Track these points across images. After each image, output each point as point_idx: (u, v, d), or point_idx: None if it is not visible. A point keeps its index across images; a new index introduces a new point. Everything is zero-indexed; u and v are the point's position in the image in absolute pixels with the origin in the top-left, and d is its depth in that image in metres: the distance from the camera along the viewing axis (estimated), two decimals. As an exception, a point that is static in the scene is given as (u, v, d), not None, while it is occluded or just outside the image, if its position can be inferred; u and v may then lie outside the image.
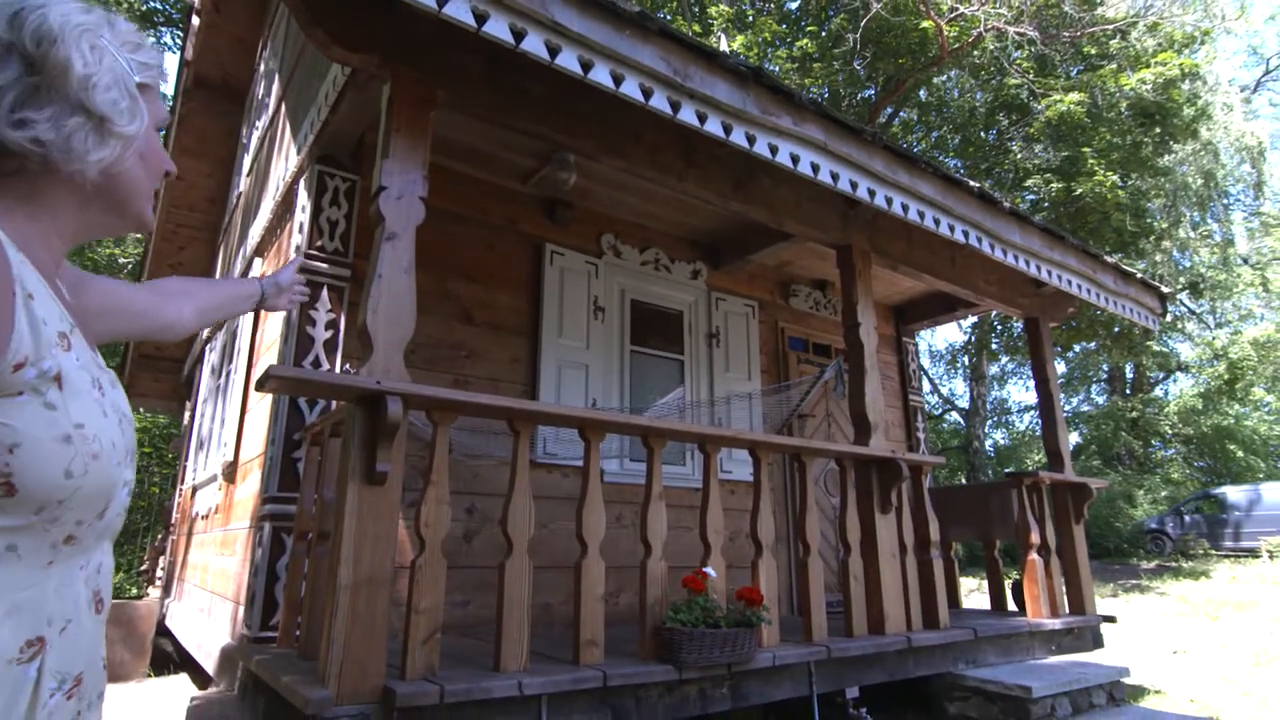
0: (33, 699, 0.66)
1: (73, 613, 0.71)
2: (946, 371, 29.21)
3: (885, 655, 3.64)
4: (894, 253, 4.48)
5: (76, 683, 0.72)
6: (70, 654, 0.71)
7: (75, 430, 0.67)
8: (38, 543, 0.67)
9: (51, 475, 0.65)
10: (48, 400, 0.66)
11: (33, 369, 0.64)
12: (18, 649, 0.64)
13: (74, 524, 0.70)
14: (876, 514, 3.88)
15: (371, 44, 2.63)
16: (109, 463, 0.72)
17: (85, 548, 0.73)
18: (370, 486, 2.30)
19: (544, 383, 4.15)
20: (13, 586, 0.65)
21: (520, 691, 2.37)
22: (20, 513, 0.65)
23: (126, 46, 0.78)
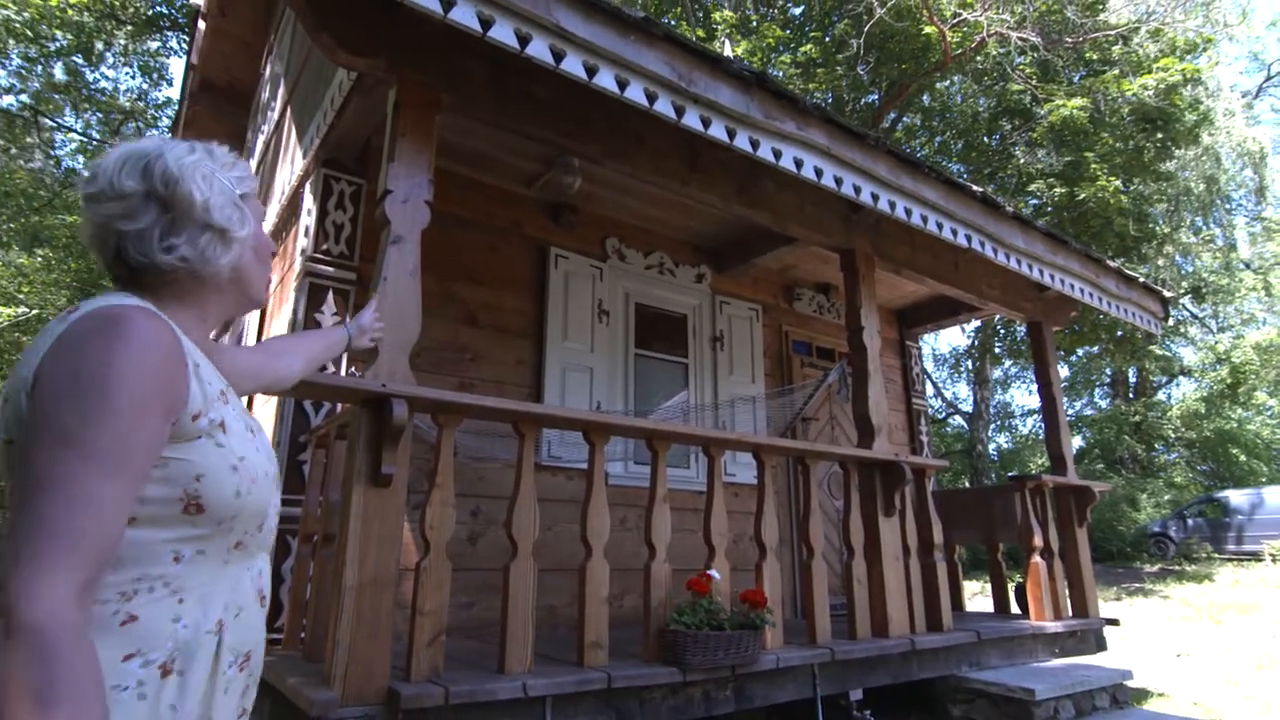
0: (214, 668, 0.87)
1: (244, 602, 0.93)
2: (950, 375, 29.22)
3: (889, 658, 3.64)
4: (897, 257, 4.49)
5: (246, 659, 0.93)
6: (242, 635, 0.92)
7: (239, 462, 0.90)
8: (217, 547, 0.89)
9: (227, 496, 0.88)
10: (218, 441, 0.88)
11: (205, 419, 0.87)
12: (209, 629, 0.86)
13: (242, 533, 0.92)
14: (880, 517, 3.88)
15: (377, 48, 2.65)
16: (263, 487, 0.94)
17: (250, 554, 0.96)
18: (375, 489, 2.31)
19: (548, 386, 4.16)
20: (202, 581, 0.87)
21: (525, 693, 2.38)
22: (207, 525, 0.87)
23: (225, 167, 0.99)
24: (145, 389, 0.79)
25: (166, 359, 0.82)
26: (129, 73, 13.35)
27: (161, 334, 0.83)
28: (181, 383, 0.84)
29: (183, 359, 0.85)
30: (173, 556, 0.84)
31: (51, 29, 10.00)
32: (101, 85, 12.01)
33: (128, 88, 13.12)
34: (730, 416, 4.98)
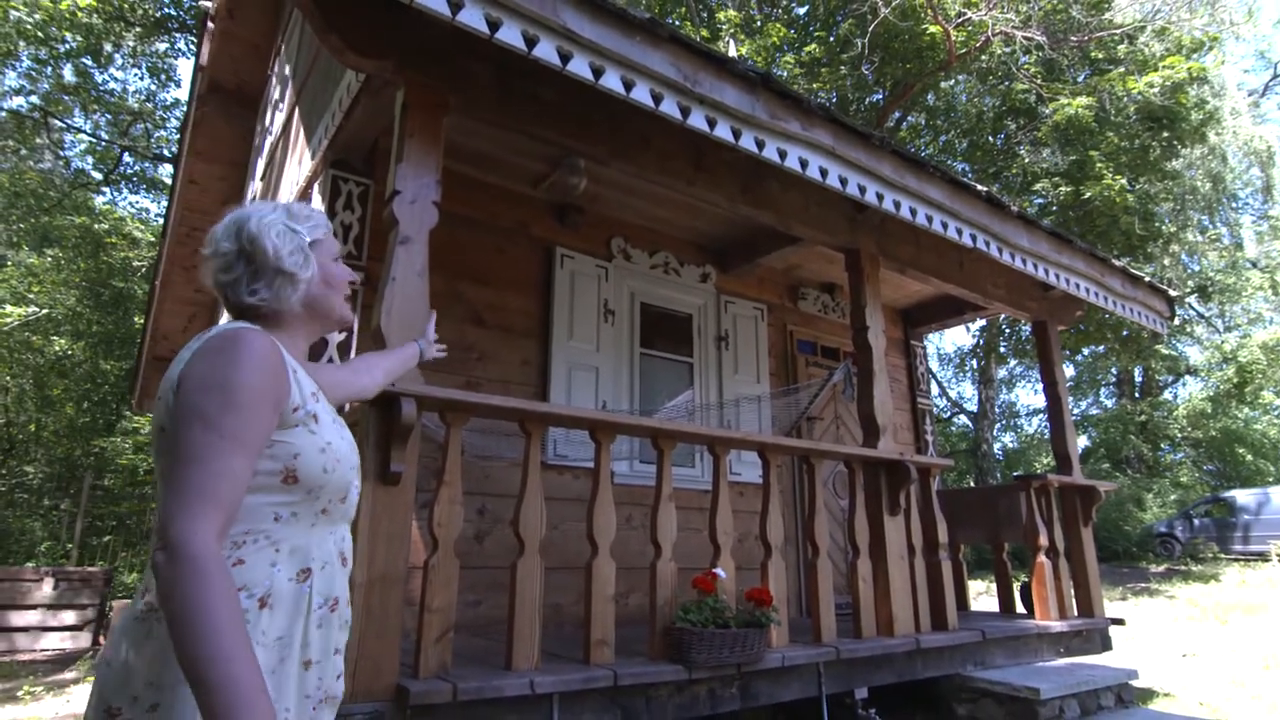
0: (307, 606, 1.10)
1: (329, 558, 1.16)
2: (955, 375, 29.16)
3: (894, 656, 3.65)
4: (902, 256, 4.50)
5: (334, 604, 1.16)
6: (328, 584, 1.15)
7: (327, 445, 1.15)
8: (306, 512, 1.12)
9: (316, 470, 1.12)
10: (311, 429, 1.14)
11: (302, 410, 1.13)
12: (296, 573, 1.10)
13: (326, 502, 1.15)
14: (885, 516, 3.89)
15: (385, 51, 2.67)
16: (346, 466, 1.18)
17: (334, 521, 1.18)
18: (384, 486, 2.33)
19: (554, 385, 4.18)
20: (293, 537, 1.11)
21: (532, 690, 2.40)
22: (299, 493, 1.11)
23: (298, 219, 1.26)
24: (261, 387, 1.05)
25: (274, 365, 1.09)
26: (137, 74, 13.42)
27: (269, 347, 1.10)
28: (285, 383, 1.10)
29: (285, 366, 1.12)
30: (273, 516, 1.09)
31: (61, 30, 10.07)
32: (110, 87, 12.08)
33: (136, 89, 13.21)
34: (735, 416, 4.99)
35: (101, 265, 10.74)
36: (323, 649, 1.14)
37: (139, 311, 10.44)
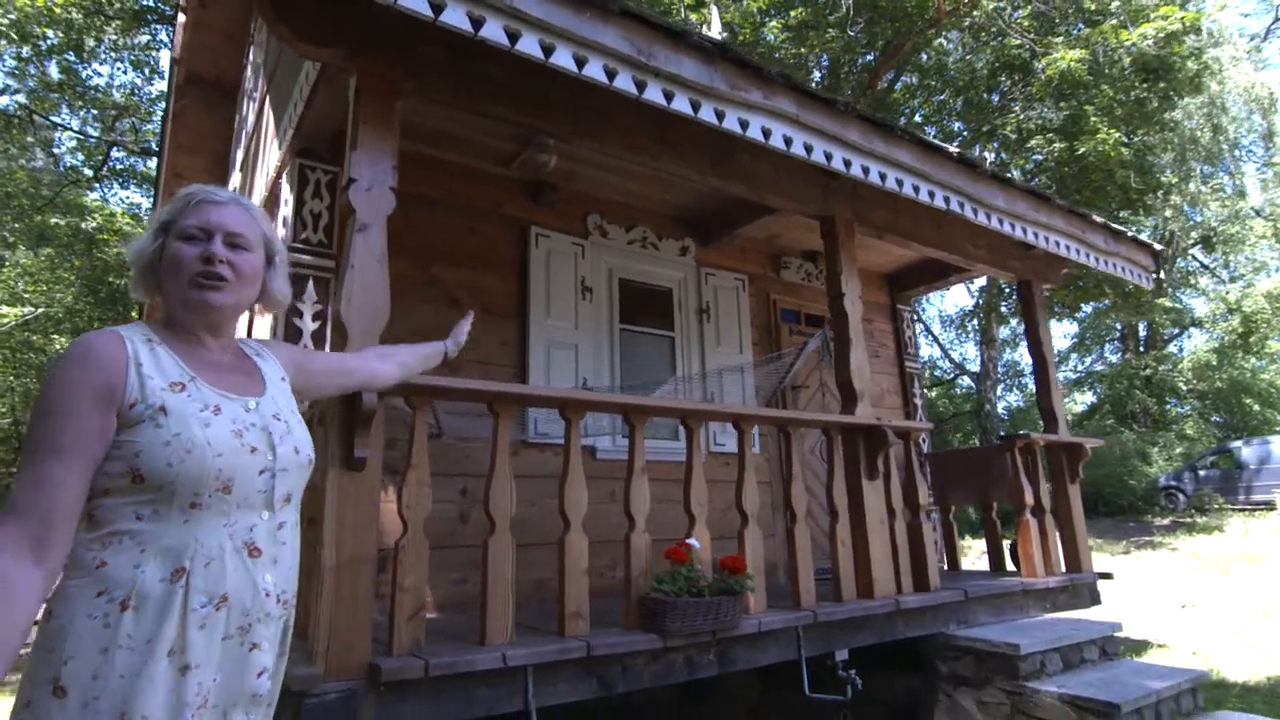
0: (184, 606, 1.06)
1: (215, 554, 1.10)
2: (958, 336, 29.05)
3: (874, 618, 3.71)
4: (878, 221, 4.48)
5: (222, 600, 1.10)
6: (213, 581, 1.09)
7: (173, 438, 1.09)
8: (169, 508, 1.08)
9: (159, 466, 1.07)
10: (157, 423, 1.09)
11: (141, 405, 1.10)
12: (168, 574, 1.06)
13: (193, 495, 1.09)
14: (864, 481, 3.93)
15: (336, 38, 2.66)
16: (202, 456, 1.10)
17: (221, 513, 1.12)
18: (349, 472, 2.38)
19: (533, 364, 4.21)
20: (162, 535, 1.07)
21: (504, 663, 2.46)
22: (149, 491, 1.08)
23: (166, 207, 1.32)
24: (77, 390, 1.05)
25: (100, 366, 1.08)
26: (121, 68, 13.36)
27: (97, 349, 1.10)
28: (117, 382, 1.09)
29: (120, 364, 1.10)
30: (134, 515, 1.07)
31: (41, 28, 10.01)
32: (95, 82, 12.02)
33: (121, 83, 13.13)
34: (719, 387, 5.02)
35: (96, 262, 10.80)
36: (207, 652, 1.08)
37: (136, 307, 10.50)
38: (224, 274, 1.24)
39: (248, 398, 1.24)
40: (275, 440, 1.23)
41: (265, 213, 1.41)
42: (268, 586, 1.17)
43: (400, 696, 2.33)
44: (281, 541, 1.22)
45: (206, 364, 1.23)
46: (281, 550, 1.22)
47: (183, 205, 1.27)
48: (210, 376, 1.21)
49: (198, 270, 1.22)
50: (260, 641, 1.15)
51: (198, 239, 1.24)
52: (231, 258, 1.26)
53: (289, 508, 1.25)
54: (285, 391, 1.36)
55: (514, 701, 2.56)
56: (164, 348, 1.19)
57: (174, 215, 1.26)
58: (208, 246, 1.24)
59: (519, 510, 3.89)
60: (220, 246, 1.25)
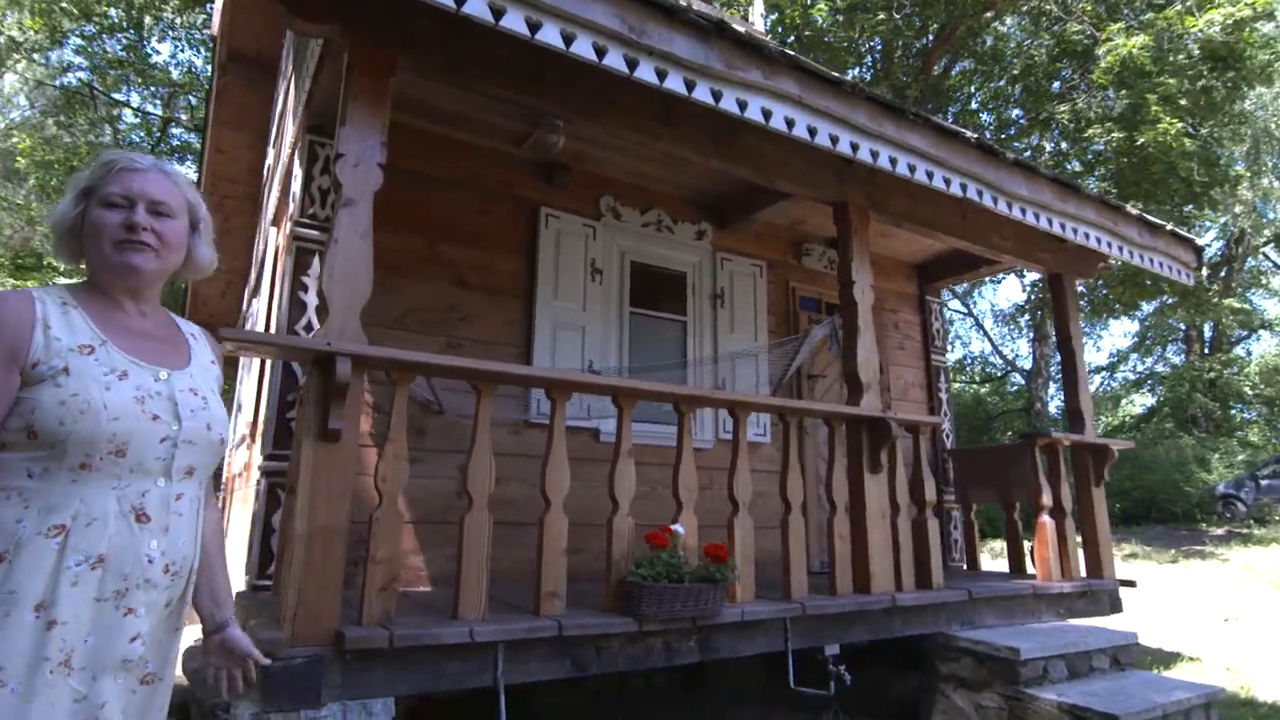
0: (57, 563, 1.07)
1: (98, 515, 1.11)
2: (1011, 331, 28.12)
3: (869, 614, 3.64)
4: (895, 209, 4.34)
5: (99, 560, 1.10)
6: (92, 541, 1.10)
7: (70, 397, 1.11)
8: (57, 467, 1.10)
9: (51, 424, 1.10)
10: (57, 383, 1.11)
11: (44, 365, 1.12)
12: (46, 529, 1.08)
13: (84, 456, 1.11)
14: (866, 474, 3.85)
15: (331, 14, 2.68)
16: (98, 417, 1.11)
17: (112, 476, 1.13)
18: (324, 443, 2.42)
19: (538, 345, 4.22)
20: (46, 493, 1.10)
21: (471, 638, 2.49)
22: (42, 449, 1.10)
23: (89, 169, 1.33)
24: None
25: (4, 323, 1.12)
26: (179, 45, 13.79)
27: (9, 306, 1.14)
28: (21, 340, 1.12)
29: (26, 323, 1.14)
30: (26, 472, 1.10)
31: (104, 5, 10.41)
32: (155, 60, 12.46)
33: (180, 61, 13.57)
34: (731, 373, 4.96)
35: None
36: (75, 610, 1.08)
37: None
38: (148, 240, 1.25)
39: (160, 368, 1.25)
40: (183, 412, 1.23)
41: (189, 180, 1.40)
42: (152, 553, 1.16)
43: (367, 665, 2.37)
44: (177, 512, 1.22)
45: (122, 329, 1.24)
46: (175, 520, 1.21)
47: (104, 172, 1.27)
48: (123, 342, 1.22)
49: (120, 237, 1.23)
50: (137, 607, 1.14)
51: (120, 206, 1.25)
52: (155, 225, 1.26)
53: (190, 481, 1.25)
54: (211, 374, 1.37)
55: (483, 677, 2.59)
56: (79, 311, 1.20)
57: (95, 181, 1.26)
58: (130, 214, 1.24)
59: (519, 490, 3.96)
60: (143, 214, 1.25)
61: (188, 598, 1.30)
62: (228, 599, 1.46)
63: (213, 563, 1.43)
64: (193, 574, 1.29)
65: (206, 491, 1.42)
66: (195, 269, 1.39)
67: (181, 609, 1.28)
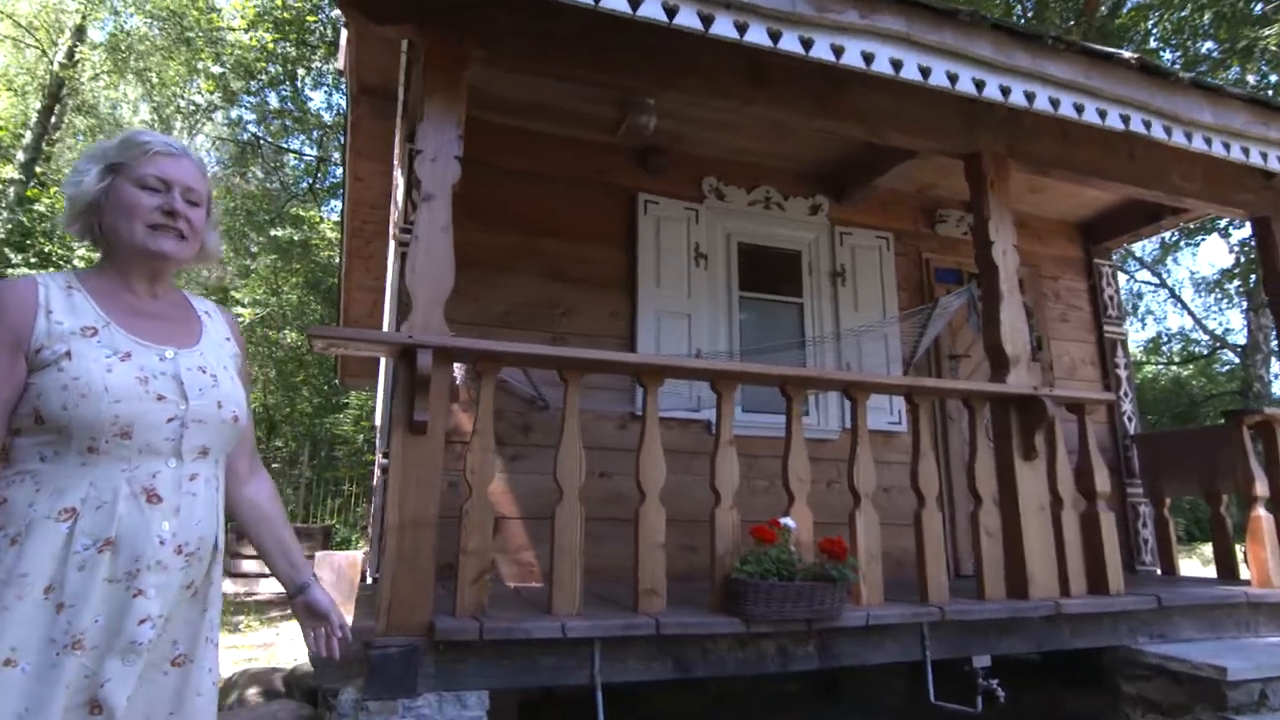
0: (66, 545, 1.07)
1: (108, 498, 1.11)
2: (1215, 301, 24.43)
3: (1026, 622, 3.16)
4: (1042, 155, 3.78)
5: (107, 543, 1.10)
6: (101, 524, 1.10)
7: (71, 381, 1.11)
8: (67, 450, 1.11)
9: (55, 409, 1.10)
10: (60, 367, 1.12)
11: (48, 350, 1.12)
12: (55, 512, 1.08)
13: (90, 440, 1.10)
14: (1017, 460, 3.36)
15: (404, 13, 2.72)
16: (99, 400, 1.10)
17: (121, 458, 1.13)
18: (412, 435, 2.42)
19: (642, 335, 4.09)
20: (57, 476, 1.10)
21: (563, 634, 2.39)
22: (49, 433, 1.11)
23: (105, 145, 1.30)
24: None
25: (7, 310, 1.13)
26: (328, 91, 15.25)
27: (12, 292, 1.14)
28: (25, 327, 1.13)
29: (29, 309, 1.14)
30: (39, 456, 1.11)
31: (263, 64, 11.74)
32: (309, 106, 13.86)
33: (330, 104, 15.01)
34: (856, 355, 4.57)
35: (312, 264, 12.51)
36: (84, 592, 1.07)
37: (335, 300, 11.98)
38: (182, 227, 1.26)
39: (165, 346, 1.23)
40: (190, 391, 1.21)
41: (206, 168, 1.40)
42: (163, 534, 1.14)
43: (460, 657, 2.34)
44: (190, 493, 1.19)
45: (127, 309, 1.23)
46: (188, 501, 1.19)
47: (139, 152, 1.25)
48: (127, 322, 1.21)
49: (157, 220, 1.23)
50: (147, 589, 1.12)
51: (157, 190, 1.24)
52: (188, 213, 1.27)
53: (205, 460, 1.23)
54: (225, 351, 1.34)
55: (580, 675, 2.48)
56: (83, 293, 1.20)
57: (127, 159, 1.25)
58: (169, 199, 1.24)
59: (627, 485, 3.81)
60: (180, 201, 1.26)
61: (214, 578, 1.27)
62: (303, 561, 1.48)
63: (279, 531, 1.46)
64: (216, 553, 1.26)
65: (251, 465, 1.45)
66: (207, 255, 1.37)
67: (208, 589, 1.25)
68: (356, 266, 8.50)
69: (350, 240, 8.41)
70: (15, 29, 12.30)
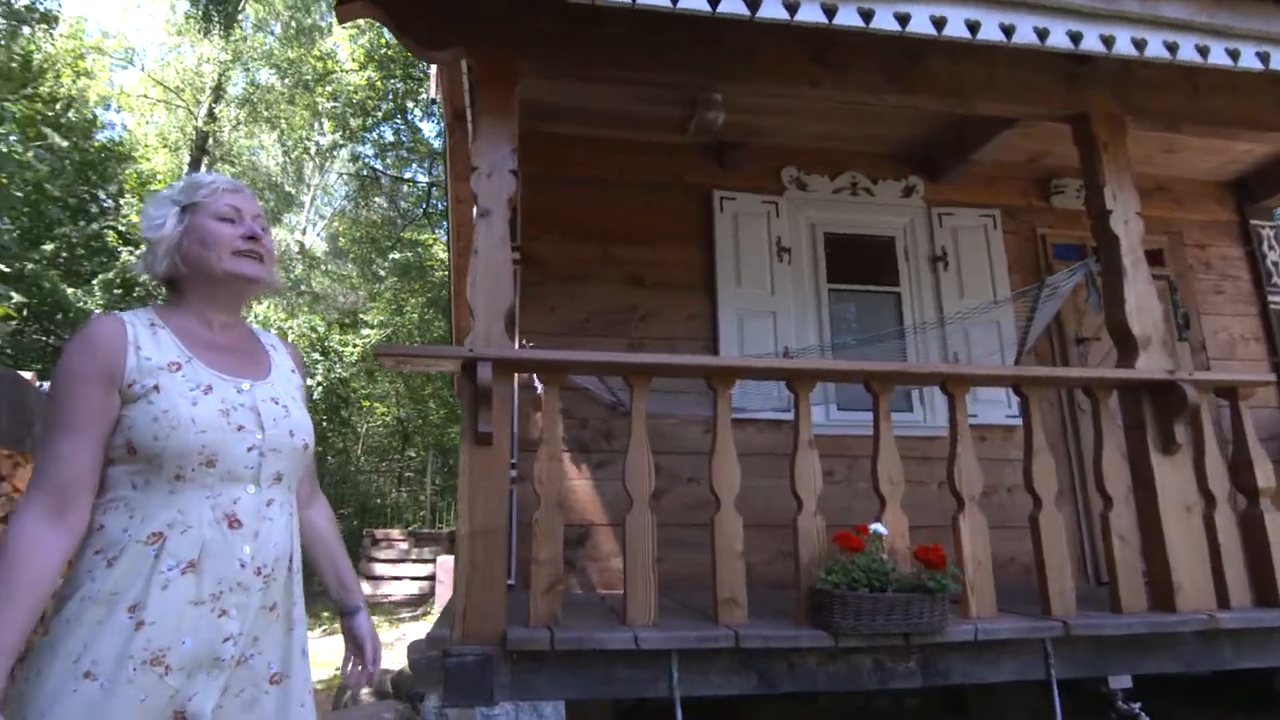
0: (152, 566, 1.13)
1: (193, 523, 1.17)
2: None
3: (1175, 637, 2.77)
4: (1166, 108, 3.36)
5: (190, 565, 1.15)
6: (186, 548, 1.15)
7: (161, 414, 1.17)
8: (156, 479, 1.17)
9: (146, 439, 1.16)
10: (149, 400, 1.18)
11: (138, 385, 1.19)
12: (145, 536, 1.14)
13: (178, 468, 1.16)
14: (1153, 455, 2.97)
15: (453, 37, 2.78)
16: (187, 431, 1.17)
17: (205, 485, 1.19)
18: (478, 447, 2.45)
19: (724, 336, 3.97)
20: (146, 503, 1.17)
21: (636, 645, 2.33)
22: (140, 462, 1.17)
23: (176, 188, 1.38)
24: (84, 373, 1.17)
25: (101, 349, 1.19)
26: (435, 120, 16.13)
27: (99, 333, 1.20)
28: (117, 363, 1.19)
29: (119, 346, 1.20)
30: (130, 484, 1.17)
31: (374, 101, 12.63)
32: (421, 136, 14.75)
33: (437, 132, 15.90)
34: (965, 345, 4.23)
35: (431, 283, 13.25)
36: (164, 611, 1.12)
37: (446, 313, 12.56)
38: (262, 252, 1.35)
39: (241, 379, 1.30)
40: (266, 421, 1.27)
41: None
42: (244, 558, 1.20)
43: (535, 666, 2.33)
44: (268, 518, 1.25)
45: (206, 345, 1.30)
46: (266, 525, 1.24)
47: (209, 190, 1.34)
48: (207, 357, 1.28)
49: (241, 246, 1.32)
50: (229, 609, 1.18)
51: (233, 219, 1.33)
52: (264, 240, 1.36)
53: (279, 486, 1.29)
54: (292, 382, 1.41)
55: (658, 687, 2.41)
56: (166, 330, 1.27)
57: (199, 199, 1.34)
58: (249, 225, 1.33)
59: (720, 490, 3.74)
60: (257, 227, 1.35)
61: (295, 597, 1.32)
62: (355, 586, 1.54)
63: (334, 554, 1.53)
64: (293, 573, 1.32)
65: (311, 490, 1.52)
66: (271, 288, 1.46)
67: (291, 608, 1.30)
68: (464, 285, 8.91)
69: (457, 259, 8.80)
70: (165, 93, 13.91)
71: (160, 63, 14.99)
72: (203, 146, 13.17)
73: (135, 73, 15.15)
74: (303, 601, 1.35)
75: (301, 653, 1.31)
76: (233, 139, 13.98)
